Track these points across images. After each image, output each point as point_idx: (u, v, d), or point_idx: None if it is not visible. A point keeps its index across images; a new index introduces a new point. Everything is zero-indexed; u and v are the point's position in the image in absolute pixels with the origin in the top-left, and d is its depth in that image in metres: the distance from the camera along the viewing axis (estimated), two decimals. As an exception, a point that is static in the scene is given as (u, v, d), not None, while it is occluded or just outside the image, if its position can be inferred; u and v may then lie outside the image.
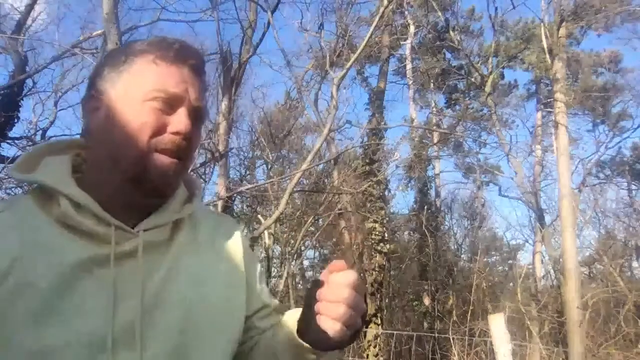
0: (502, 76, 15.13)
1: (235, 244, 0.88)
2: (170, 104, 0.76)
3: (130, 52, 0.79)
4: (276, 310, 0.91)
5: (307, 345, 0.73)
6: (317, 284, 0.71)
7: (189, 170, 0.86)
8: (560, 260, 9.55)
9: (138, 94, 0.75)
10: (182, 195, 0.84)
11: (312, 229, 10.46)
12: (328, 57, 8.61)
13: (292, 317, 0.81)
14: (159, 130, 0.75)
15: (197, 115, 0.79)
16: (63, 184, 0.74)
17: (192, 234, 0.82)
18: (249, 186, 7.69)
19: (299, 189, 8.42)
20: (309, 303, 0.72)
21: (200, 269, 0.79)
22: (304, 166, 6.01)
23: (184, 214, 0.81)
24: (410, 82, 13.44)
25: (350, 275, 0.69)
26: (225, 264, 0.84)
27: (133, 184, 0.75)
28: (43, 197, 0.75)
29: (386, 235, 10.00)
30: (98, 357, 0.67)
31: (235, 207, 11.52)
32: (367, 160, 10.03)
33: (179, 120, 0.76)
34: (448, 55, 14.74)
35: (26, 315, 0.66)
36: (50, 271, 0.68)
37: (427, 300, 11.15)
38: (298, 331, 0.75)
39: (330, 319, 0.68)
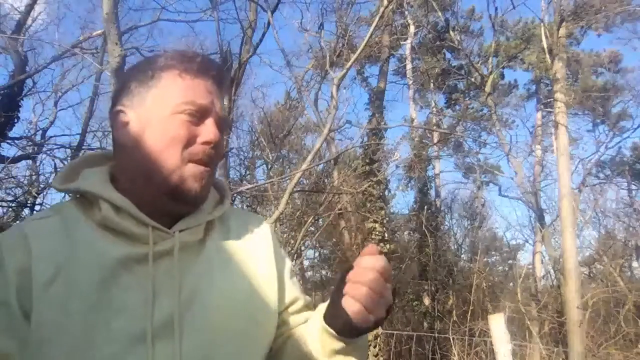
0: (502, 76, 15.14)
1: (265, 241, 0.91)
2: (199, 115, 0.81)
3: (156, 67, 0.83)
4: (307, 306, 0.92)
5: (330, 329, 0.74)
6: (349, 268, 0.73)
7: None
8: (560, 260, 9.55)
9: (167, 107, 0.80)
10: (213, 197, 0.90)
11: (312, 229, 10.46)
12: (328, 57, 8.61)
13: (321, 308, 0.82)
14: (190, 141, 0.79)
15: (223, 125, 0.84)
16: (102, 189, 0.80)
17: (223, 233, 0.87)
18: (249, 186, 7.68)
19: (299, 189, 8.41)
20: (338, 287, 0.73)
21: (233, 266, 0.83)
22: (304, 166, 6.00)
23: (215, 215, 0.86)
24: (410, 82, 13.44)
25: (379, 261, 0.71)
26: (256, 261, 0.87)
27: (169, 196, 0.80)
28: (85, 204, 0.81)
29: (386, 235, 9.99)
30: (138, 349, 0.71)
31: (235, 207, 11.52)
32: (367, 160, 10.02)
33: (208, 131, 0.80)
34: (448, 55, 14.75)
35: (71, 314, 0.71)
36: (93, 271, 0.74)
37: (427, 300, 11.14)
38: (325, 316, 0.76)
39: (351, 299, 0.70)
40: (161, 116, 0.80)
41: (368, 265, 0.70)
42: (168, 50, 0.89)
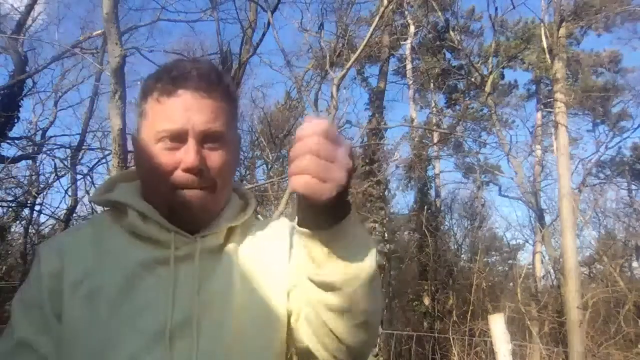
0: (502, 76, 15.13)
1: (283, 235, 0.88)
2: (177, 139, 0.80)
3: (143, 93, 0.85)
4: None
5: (305, 229, 0.66)
6: None
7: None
8: (560, 260, 9.55)
9: (150, 136, 0.82)
10: (237, 204, 0.91)
11: (312, 229, 10.44)
12: (328, 57, 8.61)
13: None
14: (172, 168, 0.80)
15: (211, 136, 0.81)
16: (132, 199, 0.85)
17: (244, 239, 0.88)
18: (249, 186, 7.68)
19: (299, 189, 8.40)
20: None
21: (252, 272, 0.84)
22: (304, 166, 5.99)
23: (237, 222, 0.87)
24: (410, 82, 13.44)
25: (319, 124, 0.61)
26: (273, 259, 0.87)
27: (172, 215, 0.82)
28: (116, 214, 0.86)
29: (386, 235, 10.00)
30: (157, 346, 0.75)
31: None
32: (367, 160, 10.02)
33: (186, 157, 0.79)
34: (448, 55, 14.75)
35: (97, 313, 0.77)
36: (117, 273, 0.79)
37: (427, 301, 11.14)
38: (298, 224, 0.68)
39: (298, 176, 0.60)
40: (148, 145, 0.82)
41: (306, 133, 0.60)
42: (160, 66, 0.89)
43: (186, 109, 0.80)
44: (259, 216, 0.92)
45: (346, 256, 0.67)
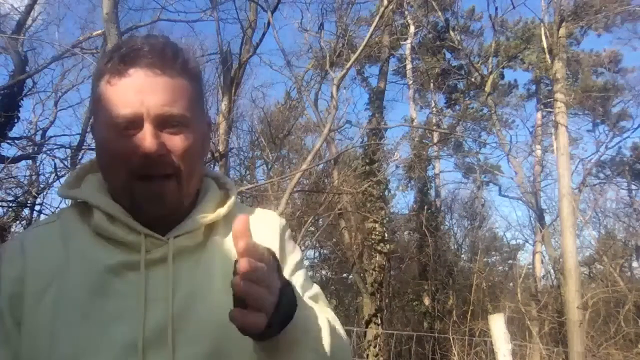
0: (502, 76, 15.13)
1: (272, 238, 0.83)
2: (132, 125, 0.71)
3: (95, 78, 0.76)
4: (311, 298, 0.83)
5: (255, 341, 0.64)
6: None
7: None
8: (560, 260, 9.56)
9: (102, 123, 0.74)
10: (215, 196, 0.83)
11: (312, 229, 10.45)
12: (328, 57, 8.62)
13: None
14: (130, 155, 0.71)
15: (169, 120, 0.73)
16: (97, 197, 0.77)
17: (227, 235, 0.79)
18: (249, 186, 7.68)
19: (299, 189, 8.41)
20: None
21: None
22: (304, 166, 6.01)
23: (214, 218, 0.79)
24: (410, 82, 13.44)
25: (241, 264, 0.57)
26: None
27: (134, 208, 0.75)
28: (85, 210, 0.78)
29: (386, 235, 10.00)
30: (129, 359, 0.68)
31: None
32: (367, 160, 10.02)
33: (142, 141, 0.71)
34: (448, 55, 14.74)
35: (63, 323, 0.69)
36: (84, 279, 0.72)
37: (427, 300, 11.14)
38: None
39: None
40: (103, 131, 0.74)
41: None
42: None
43: (138, 91, 0.71)
44: (243, 204, 0.84)
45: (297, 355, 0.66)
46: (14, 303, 0.72)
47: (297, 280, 0.85)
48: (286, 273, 0.82)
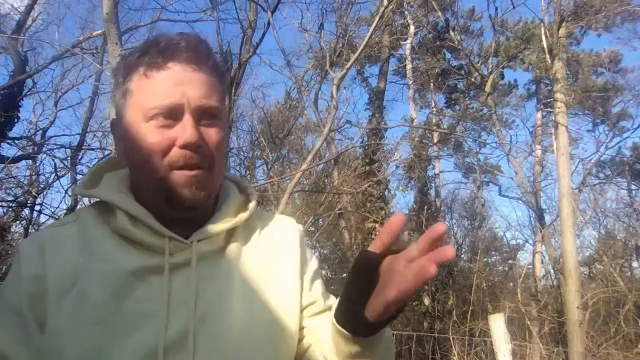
0: (502, 76, 15.14)
1: (293, 245, 0.85)
2: (171, 116, 0.73)
3: (126, 71, 0.77)
4: (329, 309, 0.83)
5: (344, 330, 0.66)
6: (369, 260, 0.64)
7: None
8: (560, 260, 9.56)
9: (140, 116, 0.74)
10: (236, 200, 0.83)
11: (312, 229, 10.46)
12: (328, 57, 8.62)
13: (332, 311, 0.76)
14: (168, 147, 0.73)
15: (207, 113, 0.75)
16: (119, 197, 0.77)
17: (247, 240, 0.81)
18: (249, 186, 7.66)
19: (299, 189, 8.41)
20: (356, 282, 0.65)
21: (256, 279, 0.78)
22: (304, 166, 6.01)
23: (237, 222, 0.80)
24: (410, 82, 13.44)
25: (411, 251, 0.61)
26: (282, 269, 0.82)
27: (164, 202, 0.75)
28: (105, 210, 0.78)
29: (386, 235, 9.97)
30: None
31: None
32: (367, 160, 10.02)
33: (183, 132, 0.72)
34: (448, 55, 14.75)
35: (85, 325, 0.69)
36: (107, 282, 0.71)
37: (427, 300, 11.14)
38: (337, 316, 0.68)
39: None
40: (138, 126, 0.74)
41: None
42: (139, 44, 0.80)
43: (178, 83, 0.73)
44: (260, 209, 0.84)
45: (378, 357, 0.70)
46: (35, 302, 0.71)
47: (317, 288, 0.86)
48: (307, 280, 0.84)
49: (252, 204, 0.84)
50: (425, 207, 11.75)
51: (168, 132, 0.73)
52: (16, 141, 8.74)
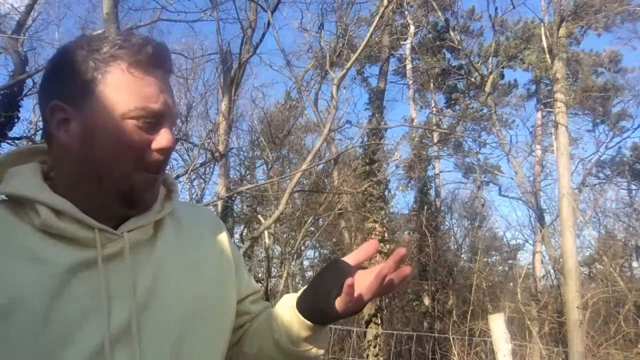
0: (502, 76, 15.15)
1: (221, 233, 0.89)
2: (153, 120, 0.73)
3: (99, 59, 0.72)
4: (256, 292, 0.94)
5: (302, 317, 0.78)
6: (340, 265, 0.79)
7: (190, 171, 0.87)
8: (560, 260, 9.56)
9: (117, 110, 0.71)
10: (161, 192, 0.84)
11: (312, 229, 10.46)
12: (328, 57, 8.62)
13: (288, 297, 0.84)
14: (144, 149, 0.73)
15: (175, 120, 0.79)
16: (39, 192, 0.72)
17: (175, 229, 0.82)
18: (249, 186, 7.69)
19: (299, 189, 8.41)
20: (327, 276, 0.78)
21: (189, 261, 0.80)
22: (304, 166, 6.01)
23: (165, 212, 0.80)
24: (410, 82, 13.44)
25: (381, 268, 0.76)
26: (213, 254, 0.85)
27: (118, 202, 0.74)
28: (17, 207, 0.73)
29: (386, 235, 9.99)
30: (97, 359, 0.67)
31: (235, 207, 11.52)
32: (367, 160, 10.02)
33: (164, 137, 0.74)
34: (448, 55, 14.76)
35: (20, 331, 0.65)
36: (39, 282, 0.67)
37: (427, 300, 11.14)
38: (299, 303, 0.79)
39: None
40: (111, 121, 0.71)
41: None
42: (107, 34, 0.77)
43: (162, 90, 0.74)
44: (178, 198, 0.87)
45: (321, 343, 0.83)
46: None
47: (244, 275, 0.92)
48: (242, 268, 0.92)
49: (175, 196, 0.85)
50: (425, 207, 11.76)
51: (145, 135, 0.73)
52: (16, 141, 8.74)
